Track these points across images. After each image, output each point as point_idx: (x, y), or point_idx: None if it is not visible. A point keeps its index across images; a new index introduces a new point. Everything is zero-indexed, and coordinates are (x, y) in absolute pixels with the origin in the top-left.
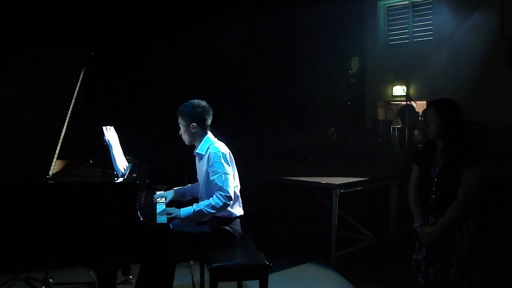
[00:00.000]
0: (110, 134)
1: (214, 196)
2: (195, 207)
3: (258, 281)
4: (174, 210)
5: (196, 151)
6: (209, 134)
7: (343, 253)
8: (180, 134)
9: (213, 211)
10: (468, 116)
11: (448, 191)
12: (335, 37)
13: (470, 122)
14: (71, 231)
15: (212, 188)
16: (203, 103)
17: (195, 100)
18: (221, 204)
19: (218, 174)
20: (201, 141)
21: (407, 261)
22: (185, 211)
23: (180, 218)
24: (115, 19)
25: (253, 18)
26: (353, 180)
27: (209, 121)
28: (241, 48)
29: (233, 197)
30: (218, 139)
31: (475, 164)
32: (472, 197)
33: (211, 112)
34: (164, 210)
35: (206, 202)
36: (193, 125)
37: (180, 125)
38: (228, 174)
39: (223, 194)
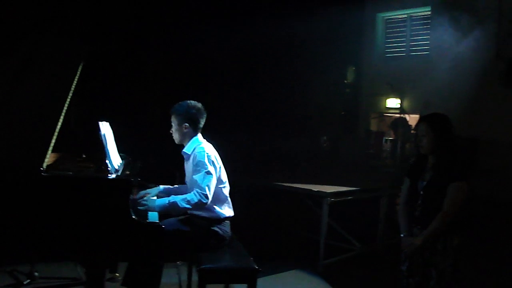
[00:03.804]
0: (105, 129)
1: (192, 192)
2: (171, 198)
3: (246, 285)
4: (150, 201)
5: (183, 150)
6: (199, 136)
7: (330, 261)
8: (171, 132)
9: (187, 206)
10: (460, 131)
11: (433, 204)
12: (332, 46)
13: (462, 137)
14: (62, 225)
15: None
16: (199, 105)
17: (191, 101)
18: (196, 200)
19: (200, 173)
20: (189, 141)
21: (393, 272)
22: (159, 201)
23: (154, 210)
24: (114, 15)
25: (252, 25)
26: (345, 190)
27: (201, 124)
28: (238, 54)
29: (210, 197)
30: (207, 141)
31: (461, 178)
32: (456, 211)
33: (205, 115)
34: (143, 200)
35: (182, 196)
36: (185, 125)
37: (172, 123)
38: (210, 174)
39: (200, 192)
